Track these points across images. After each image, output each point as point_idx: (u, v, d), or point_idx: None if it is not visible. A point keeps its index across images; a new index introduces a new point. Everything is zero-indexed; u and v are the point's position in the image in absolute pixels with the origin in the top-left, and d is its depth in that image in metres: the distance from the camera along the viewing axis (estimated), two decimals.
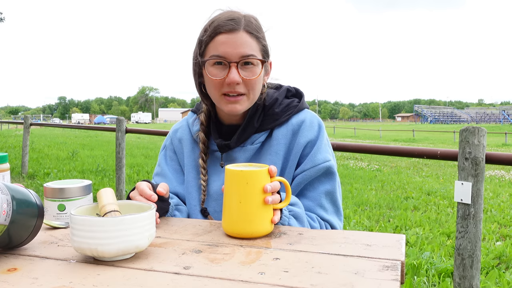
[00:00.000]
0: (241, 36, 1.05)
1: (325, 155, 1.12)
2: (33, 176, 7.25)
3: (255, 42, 1.07)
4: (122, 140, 5.10)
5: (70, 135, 20.27)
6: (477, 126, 2.15)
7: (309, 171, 1.10)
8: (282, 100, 1.18)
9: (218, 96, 1.09)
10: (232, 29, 1.04)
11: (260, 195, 0.86)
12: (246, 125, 1.14)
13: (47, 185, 0.97)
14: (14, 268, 0.71)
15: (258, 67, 1.07)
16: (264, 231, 0.87)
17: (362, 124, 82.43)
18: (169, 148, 1.27)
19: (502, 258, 3.49)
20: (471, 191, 2.13)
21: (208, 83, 1.11)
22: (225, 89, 1.07)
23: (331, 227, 1.12)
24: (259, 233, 0.87)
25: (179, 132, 1.27)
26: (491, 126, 56.74)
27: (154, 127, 36.72)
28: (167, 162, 1.26)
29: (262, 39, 1.10)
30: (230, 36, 1.04)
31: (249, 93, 1.08)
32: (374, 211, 5.14)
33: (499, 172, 9.21)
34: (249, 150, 1.15)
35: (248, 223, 0.86)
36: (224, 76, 1.05)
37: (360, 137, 28.00)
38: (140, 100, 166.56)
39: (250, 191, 0.86)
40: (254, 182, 0.86)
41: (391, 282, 0.64)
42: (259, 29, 1.09)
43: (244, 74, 1.06)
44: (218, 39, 1.05)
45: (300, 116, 1.15)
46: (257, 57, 1.06)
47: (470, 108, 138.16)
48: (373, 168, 9.54)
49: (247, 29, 1.06)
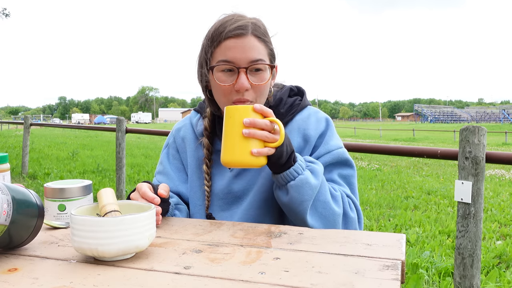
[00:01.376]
0: (250, 41, 1.02)
1: (337, 142, 1.12)
2: (33, 176, 7.25)
3: (263, 46, 1.05)
4: (122, 140, 5.10)
5: (70, 135, 20.27)
6: (477, 125, 2.15)
7: (324, 157, 1.10)
8: (286, 99, 1.17)
9: (226, 104, 1.06)
10: (240, 34, 1.02)
11: (239, 127, 0.90)
12: None
13: (47, 185, 0.97)
14: (15, 268, 0.71)
15: (267, 72, 1.06)
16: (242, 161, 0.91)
17: (362, 124, 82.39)
18: (172, 147, 1.27)
19: (502, 257, 3.49)
20: (471, 190, 2.13)
21: (215, 89, 1.08)
22: (233, 96, 1.04)
23: (354, 205, 1.08)
24: (235, 163, 0.91)
25: (182, 131, 1.26)
26: (491, 125, 56.73)
27: (154, 127, 36.73)
28: (169, 160, 1.26)
29: (270, 43, 1.08)
30: (239, 41, 1.02)
31: (256, 100, 1.06)
32: (374, 210, 5.14)
33: (499, 171, 9.21)
34: None
35: (227, 153, 0.91)
36: (232, 82, 1.03)
37: (360, 137, 28.00)
38: (140, 100, 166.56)
39: (230, 124, 0.91)
40: (235, 116, 0.91)
41: (392, 282, 0.64)
42: (266, 33, 1.08)
43: (253, 80, 1.03)
44: (226, 44, 1.03)
45: (304, 113, 1.16)
46: (265, 62, 1.04)
47: (470, 107, 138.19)
48: (373, 167, 9.54)
49: (255, 34, 1.04)
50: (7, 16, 17.39)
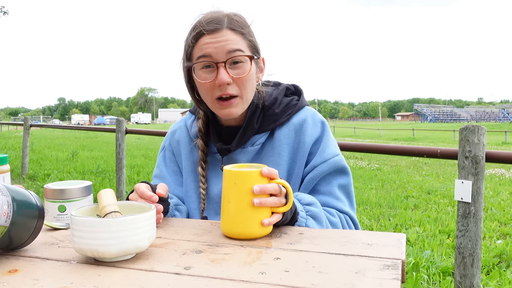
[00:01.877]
0: (225, 34, 1.02)
1: (334, 150, 1.11)
2: (33, 177, 7.25)
3: (240, 38, 1.03)
4: (122, 140, 5.10)
5: (70, 136, 20.27)
6: (477, 125, 2.15)
7: (321, 166, 1.08)
8: (281, 99, 1.15)
9: (211, 101, 1.06)
10: (214, 28, 1.01)
11: (248, 196, 0.84)
12: (246, 127, 1.11)
13: (48, 186, 0.97)
14: (15, 269, 0.71)
15: (247, 64, 1.04)
16: (252, 233, 0.85)
17: (362, 124, 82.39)
18: (168, 150, 1.25)
19: (502, 256, 3.49)
20: (471, 189, 2.13)
21: (199, 88, 1.08)
22: (216, 92, 1.03)
23: (351, 219, 1.09)
24: (245, 234, 0.85)
25: (177, 134, 1.24)
26: (491, 125, 56.73)
27: (154, 128, 36.69)
28: (166, 163, 1.25)
29: (248, 34, 1.06)
30: (214, 35, 1.01)
31: (242, 94, 1.05)
32: (375, 210, 5.14)
33: (499, 170, 9.21)
34: (249, 152, 1.12)
35: (235, 224, 0.85)
36: (213, 78, 1.02)
37: (360, 137, 28.00)
38: (140, 100, 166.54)
39: (236, 192, 0.85)
40: (241, 182, 0.85)
41: (392, 281, 0.64)
42: (244, 25, 1.06)
43: (233, 73, 1.02)
44: (202, 41, 1.02)
45: (301, 115, 1.13)
46: (244, 53, 1.03)
47: (470, 107, 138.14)
48: (373, 167, 9.54)
49: (230, 27, 1.03)
50: (5, 14, 17.36)
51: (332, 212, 1.07)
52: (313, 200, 1.02)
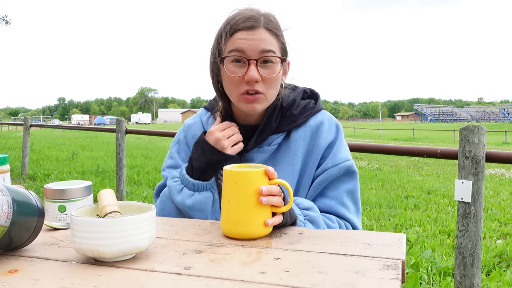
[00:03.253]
0: (261, 33, 1.03)
1: (346, 154, 1.12)
2: (33, 177, 7.25)
3: (274, 39, 1.05)
4: (122, 141, 5.10)
5: (70, 136, 20.28)
6: (477, 125, 2.15)
7: (331, 170, 1.10)
8: (299, 101, 1.17)
9: (236, 95, 1.07)
10: (251, 26, 1.03)
11: (249, 196, 0.84)
12: (264, 127, 1.12)
13: (48, 186, 0.97)
14: (15, 269, 0.71)
15: (277, 65, 1.06)
16: (252, 233, 0.85)
17: (362, 124, 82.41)
18: (183, 142, 1.25)
19: (502, 256, 3.49)
20: (471, 189, 2.13)
21: (226, 81, 1.08)
22: (243, 87, 1.04)
23: (352, 226, 1.10)
24: (245, 234, 0.85)
25: (193, 129, 1.25)
26: (491, 125, 56.75)
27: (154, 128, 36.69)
28: (180, 155, 1.24)
29: (281, 37, 1.08)
30: (250, 32, 1.03)
31: (267, 92, 1.06)
32: (375, 210, 5.14)
33: (499, 170, 9.21)
34: (266, 151, 1.13)
35: (235, 224, 0.85)
36: (243, 73, 1.03)
37: (360, 137, 28.00)
38: (140, 100, 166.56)
39: (236, 192, 0.85)
40: (241, 183, 0.85)
41: (392, 281, 0.64)
42: (279, 27, 1.08)
43: (263, 72, 1.04)
44: (237, 36, 1.03)
45: (318, 118, 1.15)
46: (276, 54, 1.05)
47: (470, 107, 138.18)
48: (373, 167, 9.54)
49: (266, 27, 1.04)
50: (7, 23, 17.30)
51: (332, 218, 1.08)
52: (311, 205, 1.04)
